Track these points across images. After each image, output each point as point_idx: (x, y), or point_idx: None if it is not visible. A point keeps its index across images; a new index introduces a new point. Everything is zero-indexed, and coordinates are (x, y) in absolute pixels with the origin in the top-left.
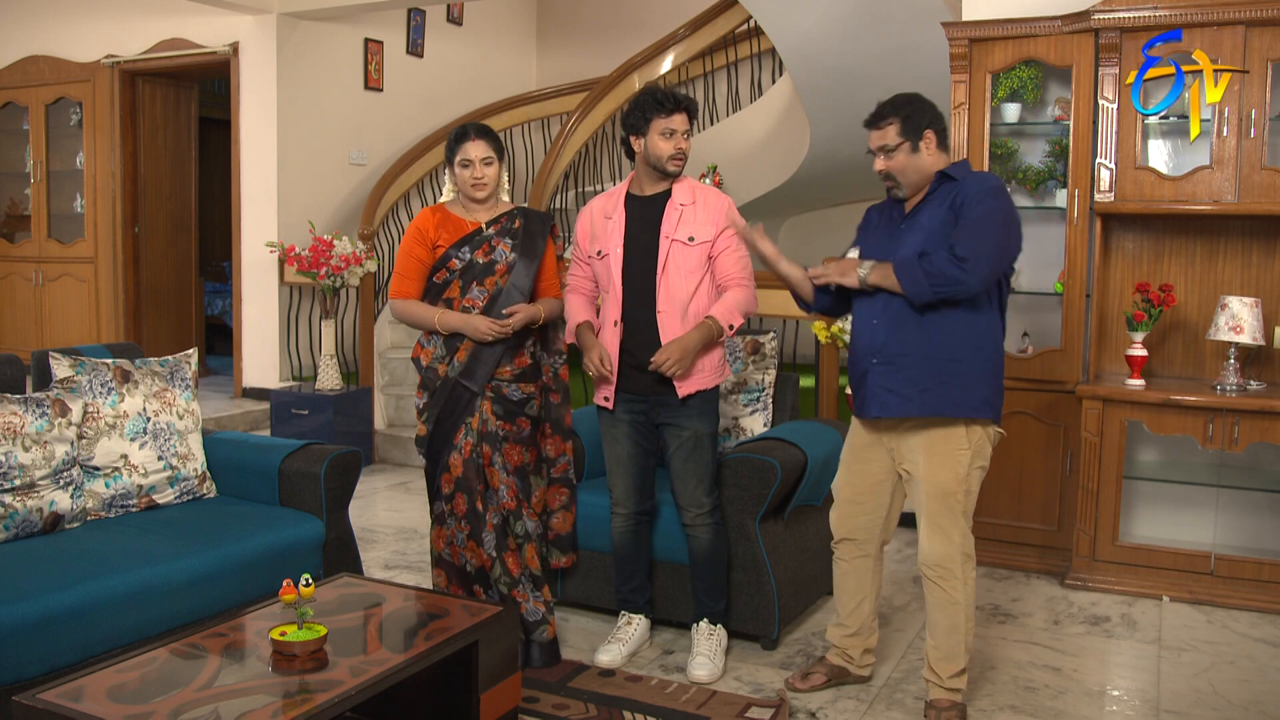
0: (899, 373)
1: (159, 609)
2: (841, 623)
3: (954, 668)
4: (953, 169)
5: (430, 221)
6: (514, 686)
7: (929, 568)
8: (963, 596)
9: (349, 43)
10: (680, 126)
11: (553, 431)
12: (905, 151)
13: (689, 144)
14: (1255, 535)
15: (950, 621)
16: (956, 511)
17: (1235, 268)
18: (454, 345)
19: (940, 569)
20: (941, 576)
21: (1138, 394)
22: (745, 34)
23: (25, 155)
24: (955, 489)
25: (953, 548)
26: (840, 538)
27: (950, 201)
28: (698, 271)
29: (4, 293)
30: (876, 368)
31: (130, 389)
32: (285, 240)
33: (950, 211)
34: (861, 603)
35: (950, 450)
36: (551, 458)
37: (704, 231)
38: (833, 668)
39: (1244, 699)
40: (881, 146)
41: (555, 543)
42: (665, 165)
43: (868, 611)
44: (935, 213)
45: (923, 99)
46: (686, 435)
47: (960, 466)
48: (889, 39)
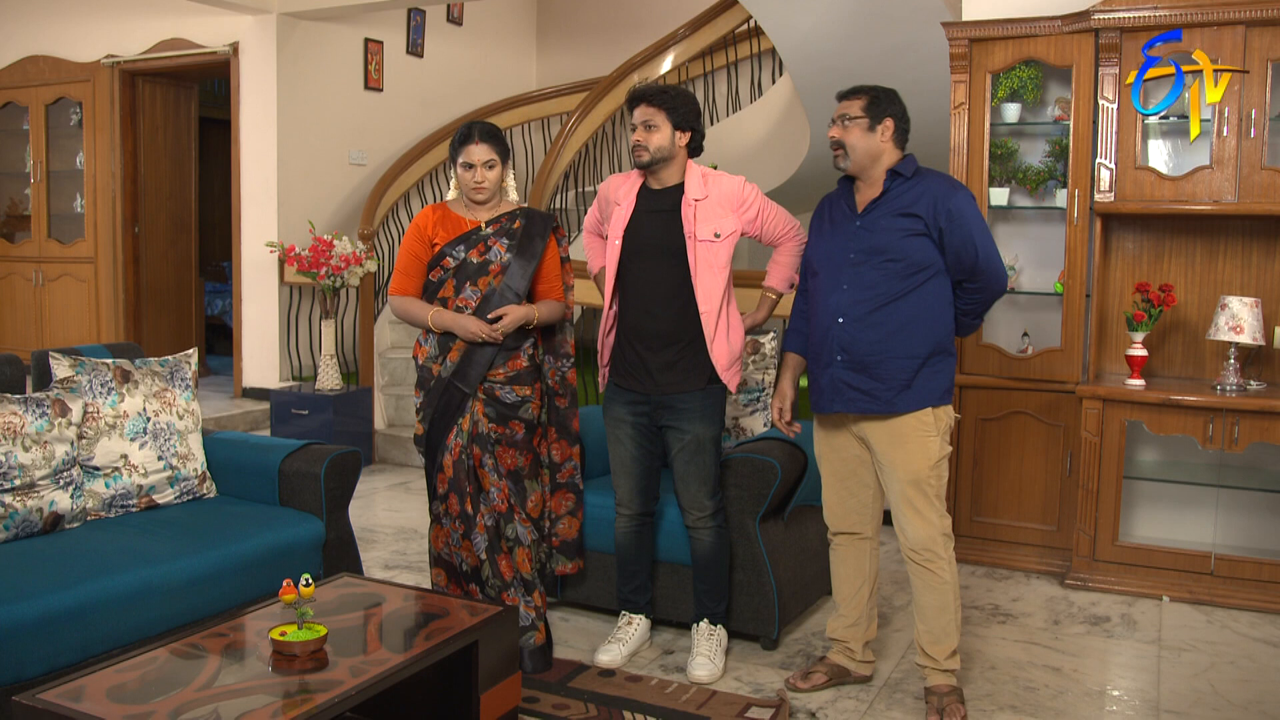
0: (867, 374)
1: (159, 609)
2: (841, 612)
3: (948, 647)
4: (902, 165)
5: (430, 219)
6: (514, 686)
7: (914, 552)
8: (949, 575)
9: (349, 43)
10: (639, 119)
11: (559, 436)
12: (862, 127)
13: (655, 136)
14: (1255, 535)
15: (940, 601)
16: (931, 494)
17: (1235, 268)
18: (447, 345)
19: (926, 551)
20: (927, 559)
21: (1138, 394)
22: (745, 34)
23: (25, 155)
24: (928, 473)
25: (933, 529)
26: (835, 529)
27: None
28: (728, 266)
29: (4, 293)
30: (841, 366)
31: (130, 389)
32: (285, 240)
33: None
34: (860, 588)
35: (920, 437)
36: (557, 462)
37: (726, 224)
38: (834, 667)
39: (1244, 699)
40: (842, 115)
41: (560, 548)
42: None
43: (866, 597)
44: (894, 219)
45: (896, 95)
46: (688, 439)
47: (931, 451)
48: (889, 39)
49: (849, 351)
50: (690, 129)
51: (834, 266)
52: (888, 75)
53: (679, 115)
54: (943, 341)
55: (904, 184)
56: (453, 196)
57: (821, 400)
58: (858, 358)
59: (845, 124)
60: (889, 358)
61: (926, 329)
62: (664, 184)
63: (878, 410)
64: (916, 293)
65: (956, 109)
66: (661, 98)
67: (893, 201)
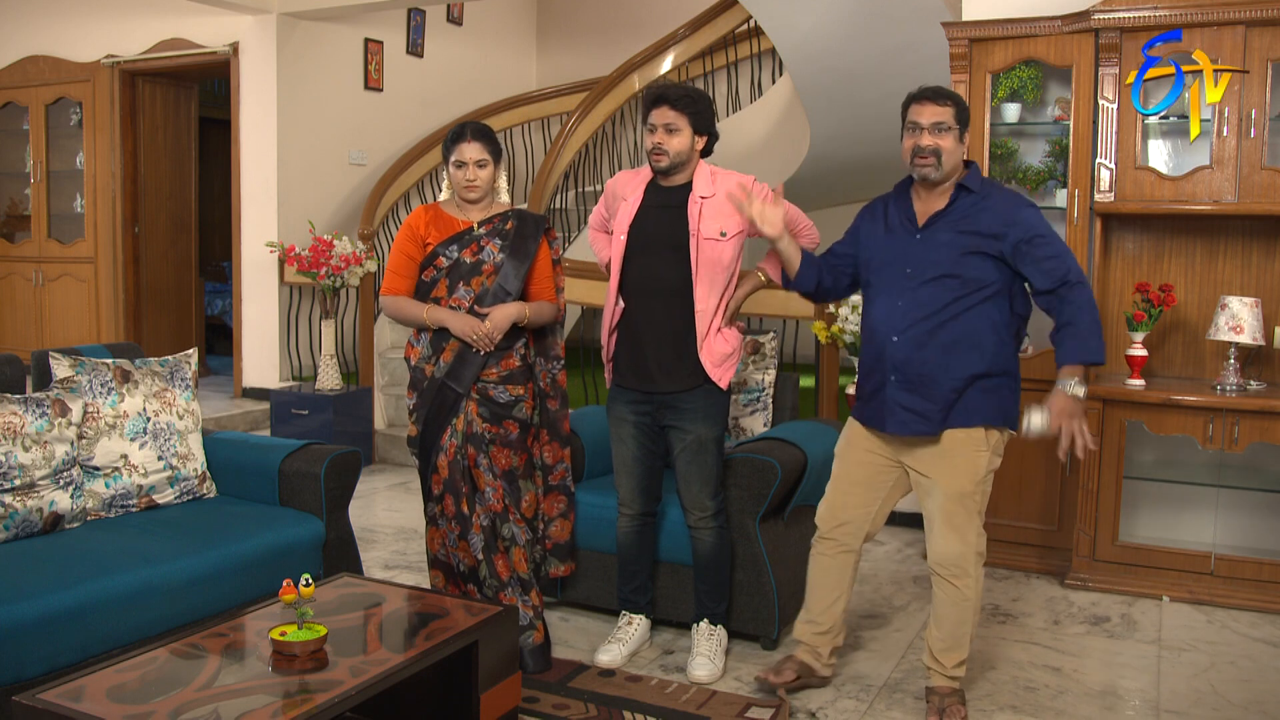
0: (920, 394)
1: (159, 609)
2: (814, 619)
3: (958, 657)
4: (969, 180)
5: (422, 219)
6: (514, 686)
7: (943, 567)
8: (974, 594)
9: (349, 43)
10: (659, 120)
11: (550, 438)
12: (954, 137)
13: (676, 140)
14: (1255, 535)
15: (959, 616)
16: (973, 511)
17: (1235, 268)
18: (440, 345)
19: (955, 568)
20: (956, 575)
21: (1138, 394)
22: (745, 34)
23: (25, 155)
24: (973, 490)
25: (968, 547)
26: (826, 531)
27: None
28: (733, 265)
29: (4, 293)
30: (895, 386)
31: (130, 389)
32: (285, 240)
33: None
34: (836, 600)
35: (970, 454)
36: (549, 464)
37: (732, 223)
38: (802, 665)
39: (1244, 699)
40: (937, 123)
41: (553, 551)
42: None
43: (840, 610)
44: (956, 235)
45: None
46: (690, 439)
47: (979, 469)
48: (889, 39)
49: (902, 371)
50: (708, 132)
51: (889, 280)
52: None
53: (700, 119)
54: (1000, 362)
55: (971, 199)
56: (445, 197)
57: (871, 418)
58: (911, 377)
59: (940, 131)
60: (942, 377)
61: (980, 348)
62: (673, 182)
63: (929, 431)
64: (972, 312)
65: None
66: (685, 102)
67: (958, 217)
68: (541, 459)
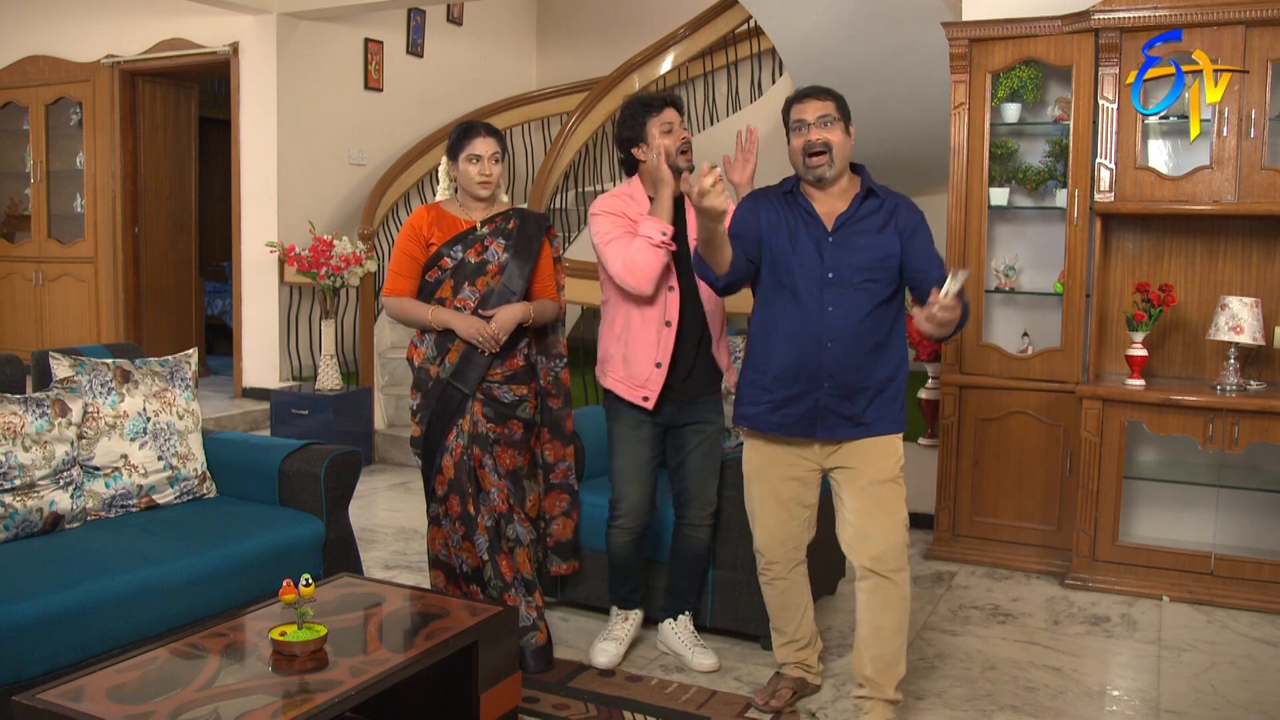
0: (851, 400)
1: (159, 609)
2: (791, 639)
3: (899, 674)
4: (867, 179)
5: (425, 219)
6: (514, 687)
7: (882, 562)
8: (908, 589)
9: (349, 43)
10: (674, 119)
11: (552, 436)
12: (841, 130)
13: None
14: (1255, 535)
15: (898, 621)
16: (901, 494)
17: (1235, 268)
18: (445, 346)
19: (896, 561)
20: (896, 569)
21: (1138, 394)
22: (745, 34)
23: (25, 155)
24: (898, 472)
25: (901, 534)
26: (772, 558)
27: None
28: None
29: (4, 293)
30: (829, 393)
31: (130, 389)
32: (285, 240)
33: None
34: (804, 612)
35: (893, 442)
36: (551, 463)
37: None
38: (797, 681)
39: (1244, 699)
40: (823, 116)
41: (556, 550)
42: (677, 160)
43: (811, 618)
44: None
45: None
46: (711, 430)
47: (899, 449)
48: (889, 39)
49: (837, 378)
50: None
51: (810, 283)
52: (888, 75)
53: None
54: (903, 362)
55: (876, 201)
56: (444, 197)
57: (793, 426)
58: (846, 382)
59: (828, 125)
60: (874, 383)
61: (890, 350)
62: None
63: (860, 435)
64: (883, 314)
65: (956, 109)
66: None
67: (869, 217)
68: (543, 457)
